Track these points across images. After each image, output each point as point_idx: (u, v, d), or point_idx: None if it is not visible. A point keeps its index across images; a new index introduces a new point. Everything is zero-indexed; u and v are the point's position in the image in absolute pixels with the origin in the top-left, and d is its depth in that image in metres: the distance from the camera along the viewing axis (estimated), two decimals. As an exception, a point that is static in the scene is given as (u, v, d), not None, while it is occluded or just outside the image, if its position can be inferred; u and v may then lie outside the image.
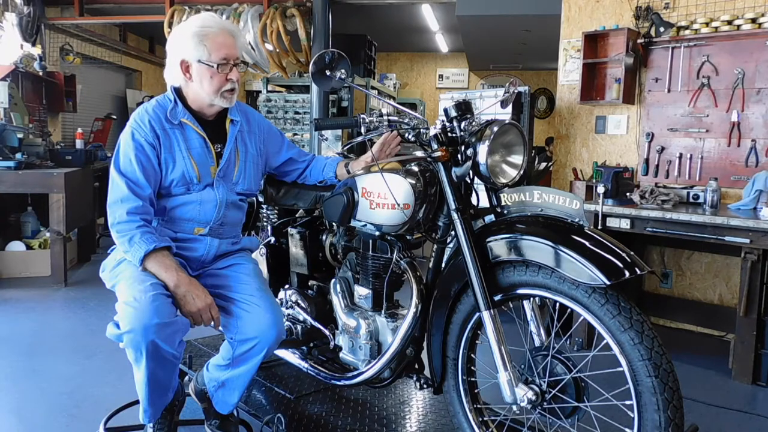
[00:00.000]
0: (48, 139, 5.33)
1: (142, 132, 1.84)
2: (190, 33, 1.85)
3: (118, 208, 1.79)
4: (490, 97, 4.05)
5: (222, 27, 1.89)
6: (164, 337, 1.69)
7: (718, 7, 3.61)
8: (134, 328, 1.66)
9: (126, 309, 1.69)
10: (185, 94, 1.93)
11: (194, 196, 1.91)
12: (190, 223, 1.94)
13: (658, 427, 1.43)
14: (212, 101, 1.91)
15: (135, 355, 1.72)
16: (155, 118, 1.86)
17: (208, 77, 1.86)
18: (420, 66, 11.19)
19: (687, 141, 3.77)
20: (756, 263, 2.91)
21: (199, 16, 1.91)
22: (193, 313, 1.77)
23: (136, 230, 1.76)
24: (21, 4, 5.85)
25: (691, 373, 3.15)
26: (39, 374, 2.87)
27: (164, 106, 1.90)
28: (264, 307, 1.88)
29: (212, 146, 1.94)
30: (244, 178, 2.03)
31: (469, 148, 1.74)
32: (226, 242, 2.03)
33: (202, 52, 1.84)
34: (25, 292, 4.34)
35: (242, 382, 1.95)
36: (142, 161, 1.82)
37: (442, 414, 2.29)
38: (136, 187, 1.80)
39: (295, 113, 6.14)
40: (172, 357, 1.77)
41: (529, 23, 6.41)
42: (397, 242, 2.01)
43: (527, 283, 1.65)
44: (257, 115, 2.17)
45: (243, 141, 2.04)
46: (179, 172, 1.87)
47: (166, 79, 1.97)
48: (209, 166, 1.93)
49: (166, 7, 6.00)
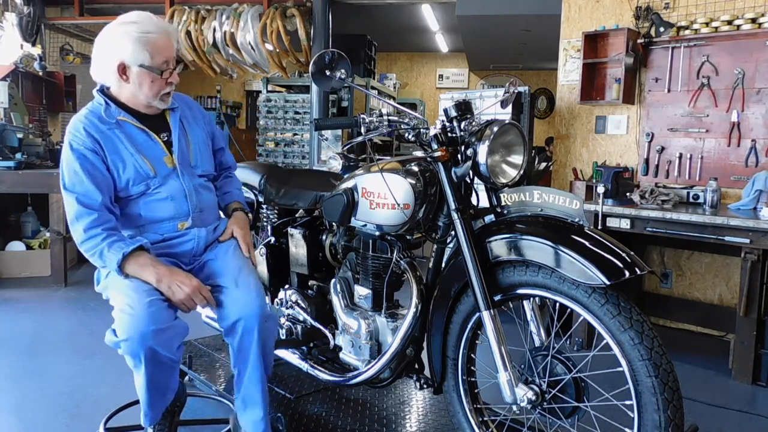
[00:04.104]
0: (48, 139, 5.33)
1: (79, 140, 1.77)
2: (131, 36, 1.78)
3: (76, 228, 1.75)
4: (490, 97, 4.05)
5: (162, 29, 1.84)
6: (162, 342, 1.69)
7: (718, 7, 3.61)
8: (131, 336, 1.65)
9: (122, 317, 1.68)
10: (116, 95, 1.87)
11: (163, 193, 1.87)
12: (172, 221, 1.90)
13: (658, 427, 1.43)
14: (150, 103, 1.87)
15: (133, 362, 1.72)
16: (89, 124, 1.80)
17: (149, 82, 1.82)
18: (420, 66, 11.20)
19: (687, 141, 3.77)
20: (756, 263, 2.91)
21: (134, 17, 1.83)
22: (183, 300, 1.76)
23: (102, 242, 1.72)
24: (21, 4, 5.85)
25: (691, 373, 3.15)
26: (39, 374, 2.87)
27: (95, 111, 1.84)
28: (242, 286, 1.86)
29: (158, 137, 1.89)
30: (202, 161, 2.00)
31: (469, 148, 1.74)
32: (210, 229, 2.00)
33: (144, 57, 1.79)
34: (25, 292, 4.34)
35: (255, 387, 1.90)
36: (88, 169, 1.76)
37: (442, 414, 2.29)
38: (87, 199, 1.75)
39: (295, 113, 6.14)
40: (170, 361, 1.76)
41: (529, 23, 6.41)
42: (397, 242, 2.01)
43: (527, 283, 1.65)
44: (198, 105, 2.13)
45: (189, 125, 2.00)
46: (132, 170, 1.82)
47: (93, 77, 1.89)
48: (162, 157, 1.88)
49: (166, 7, 6.01)
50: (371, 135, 1.84)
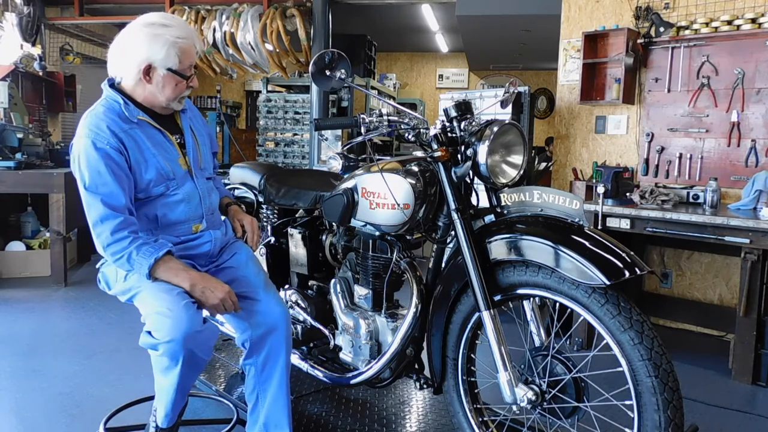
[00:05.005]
0: (48, 139, 5.33)
1: (104, 139, 1.72)
2: (165, 40, 1.76)
3: (102, 231, 1.70)
4: (490, 97, 4.05)
5: (191, 35, 1.84)
6: (199, 344, 1.71)
7: (718, 7, 3.61)
8: (174, 338, 1.65)
9: (161, 319, 1.67)
10: (130, 92, 1.84)
11: (180, 195, 1.87)
12: (187, 224, 1.91)
13: (658, 427, 1.43)
14: (168, 105, 1.87)
15: (169, 364, 1.72)
16: (112, 122, 1.75)
17: (173, 85, 1.82)
18: (420, 66, 11.19)
19: (687, 141, 3.77)
20: (756, 263, 2.91)
21: (167, 19, 1.82)
22: (216, 305, 1.76)
23: (129, 246, 1.70)
24: (21, 4, 5.85)
25: (691, 373, 3.15)
26: (39, 374, 2.87)
27: (114, 108, 1.79)
28: (271, 297, 1.92)
29: (172, 138, 1.90)
30: (207, 163, 2.03)
31: (469, 148, 1.74)
32: (221, 231, 2.02)
33: (174, 62, 1.79)
34: (25, 292, 4.34)
35: (282, 410, 1.89)
36: (113, 169, 1.71)
37: (442, 414, 2.29)
38: (112, 200, 1.70)
39: (295, 113, 6.14)
40: (203, 363, 1.80)
41: (529, 23, 6.41)
42: (397, 242, 2.01)
43: (527, 283, 1.65)
44: (194, 107, 2.14)
45: (196, 127, 2.01)
46: (154, 170, 1.80)
47: (110, 73, 1.86)
48: (176, 158, 1.88)
49: (166, 7, 6.00)
50: (371, 135, 1.84)
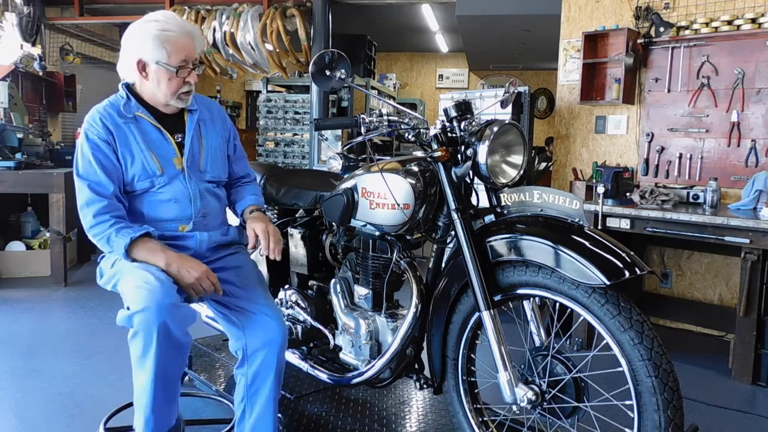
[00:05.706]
0: (48, 139, 5.33)
1: (95, 130, 1.83)
2: (151, 34, 1.81)
3: (86, 213, 1.79)
4: (490, 97, 4.05)
5: (183, 29, 1.86)
6: (176, 319, 1.67)
7: (718, 7, 3.61)
8: (148, 306, 1.63)
9: (138, 291, 1.67)
10: (139, 91, 1.91)
11: (166, 194, 1.87)
12: (173, 222, 1.90)
13: (658, 427, 1.43)
14: (168, 102, 1.89)
15: (144, 340, 1.65)
16: (106, 116, 1.85)
17: (166, 79, 1.85)
18: (420, 66, 11.19)
19: (687, 141, 3.77)
20: (756, 263, 2.91)
21: (158, 15, 1.87)
22: (192, 284, 1.75)
23: (110, 228, 1.76)
24: (21, 4, 5.85)
25: (691, 373, 3.15)
26: (39, 374, 2.87)
27: (116, 104, 1.89)
28: (269, 309, 1.87)
29: (171, 137, 1.91)
30: (213, 166, 2.00)
31: (469, 148, 1.74)
32: (216, 233, 1.99)
33: (161, 54, 1.82)
34: (25, 292, 4.34)
35: (266, 429, 1.87)
36: (100, 159, 1.81)
37: (442, 414, 2.29)
38: (99, 187, 1.79)
39: (295, 113, 6.14)
40: (179, 345, 1.72)
41: (529, 23, 6.41)
42: (397, 242, 2.01)
43: (527, 283, 1.65)
44: (220, 109, 2.13)
45: (206, 129, 2.00)
46: (139, 165, 1.84)
47: (119, 73, 1.93)
48: (172, 157, 1.89)
49: (166, 7, 6.00)
50: (371, 135, 1.84)
